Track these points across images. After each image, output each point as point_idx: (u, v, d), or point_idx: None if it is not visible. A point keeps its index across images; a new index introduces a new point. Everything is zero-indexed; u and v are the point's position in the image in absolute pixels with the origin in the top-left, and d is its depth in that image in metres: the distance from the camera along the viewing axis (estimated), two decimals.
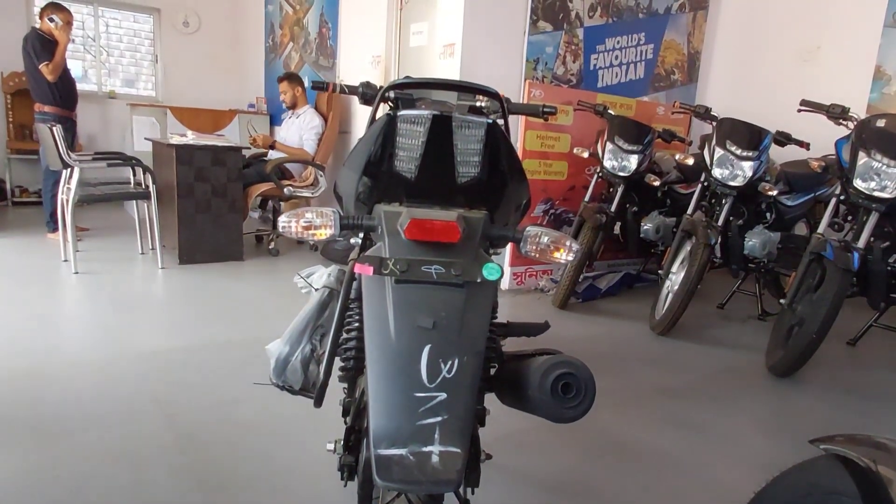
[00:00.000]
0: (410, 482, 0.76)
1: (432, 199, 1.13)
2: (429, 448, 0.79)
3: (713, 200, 3.31)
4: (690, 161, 3.30)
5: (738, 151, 3.01)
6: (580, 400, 0.99)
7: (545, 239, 1.05)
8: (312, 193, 4.47)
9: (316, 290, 1.12)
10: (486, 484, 1.23)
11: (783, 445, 2.07)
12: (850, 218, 2.83)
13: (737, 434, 2.13)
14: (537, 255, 1.06)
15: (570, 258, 1.06)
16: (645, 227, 3.60)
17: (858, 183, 2.49)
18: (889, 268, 2.71)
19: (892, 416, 2.38)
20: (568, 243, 1.05)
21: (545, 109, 1.80)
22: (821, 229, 2.70)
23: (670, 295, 3.13)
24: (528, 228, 1.07)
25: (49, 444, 1.76)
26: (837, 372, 2.81)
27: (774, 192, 3.06)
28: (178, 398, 2.10)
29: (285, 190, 4.38)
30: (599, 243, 3.44)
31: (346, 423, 1.28)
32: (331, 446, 1.19)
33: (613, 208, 3.48)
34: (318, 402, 1.04)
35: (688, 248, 3.19)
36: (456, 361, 0.87)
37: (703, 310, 3.64)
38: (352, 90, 1.56)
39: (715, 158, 3.07)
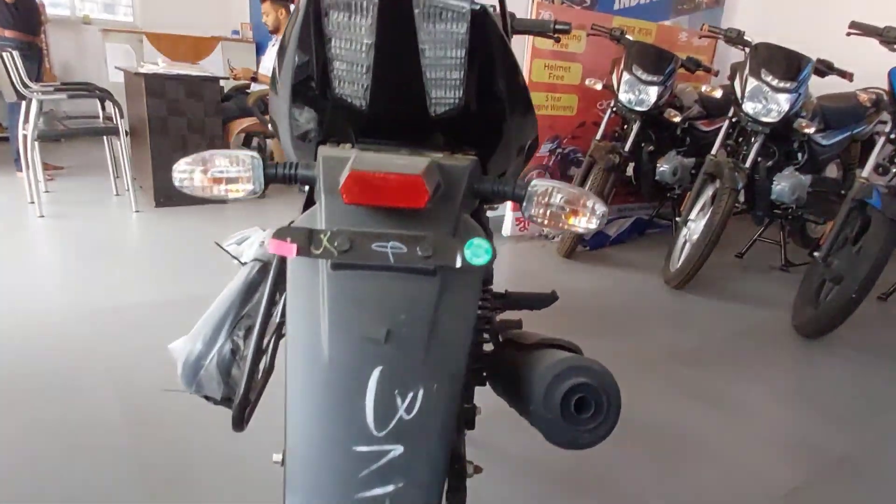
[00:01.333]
0: None
1: (398, 139, 0.78)
2: None
3: (741, 139, 2.97)
4: (718, 94, 2.93)
5: (775, 82, 2.64)
6: (600, 421, 0.72)
7: (559, 197, 0.73)
8: None
9: (243, 263, 0.83)
10: (480, 475, 0.99)
11: (813, 423, 1.84)
12: None
13: (761, 408, 1.89)
14: (546, 222, 0.75)
15: (591, 226, 0.74)
16: (661, 169, 3.27)
17: None
18: None
19: None
20: (590, 203, 0.73)
21: (557, 27, 1.46)
22: (865, 173, 2.37)
23: (688, 245, 2.85)
24: (534, 182, 0.75)
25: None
26: (870, 331, 2.55)
27: (811, 131, 2.71)
28: (133, 369, 1.86)
29: (270, 125, 4.02)
30: (611, 186, 3.11)
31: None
32: (278, 457, 0.93)
33: (627, 147, 3.13)
34: (239, 424, 0.76)
35: (710, 192, 2.88)
36: (420, 393, 0.58)
37: (721, 259, 3.35)
38: None
39: (747, 90, 2.70)
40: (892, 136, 2.31)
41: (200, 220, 3.49)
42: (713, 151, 2.87)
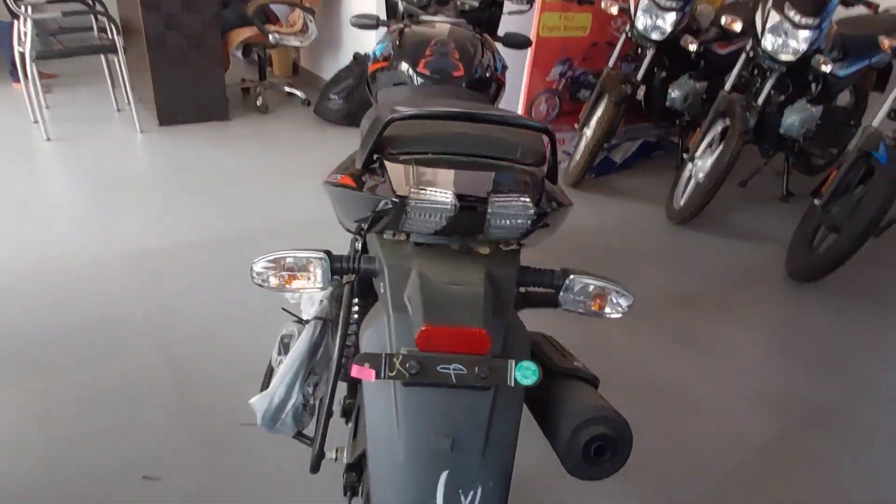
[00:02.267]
0: None
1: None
2: None
3: (755, 72, 2.91)
4: (738, 26, 2.83)
5: (798, 18, 2.56)
6: (613, 463, 0.86)
7: (590, 290, 0.83)
8: (301, 42, 3.97)
9: (304, 323, 0.93)
10: None
11: (796, 372, 2.02)
12: None
13: (747, 357, 2.07)
14: (581, 312, 0.86)
15: (617, 317, 0.86)
16: (672, 95, 3.22)
17: None
18: None
19: None
20: (616, 299, 0.84)
21: None
22: (876, 122, 2.38)
23: (692, 181, 2.90)
24: (571, 276, 0.85)
25: (40, 378, 1.69)
26: (861, 272, 2.67)
27: (829, 68, 2.66)
28: (171, 316, 2.00)
29: (270, 37, 3.87)
30: (620, 118, 3.10)
31: (347, 425, 1.17)
32: (332, 454, 1.09)
33: (640, 76, 3.08)
34: (316, 469, 0.90)
35: (719, 128, 2.88)
36: (479, 490, 0.70)
37: (723, 188, 3.39)
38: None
39: (768, 24, 2.62)
40: None
41: (206, 140, 3.49)
42: (726, 88, 2.83)
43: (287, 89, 4.32)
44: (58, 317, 1.95)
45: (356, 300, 0.95)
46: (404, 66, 1.38)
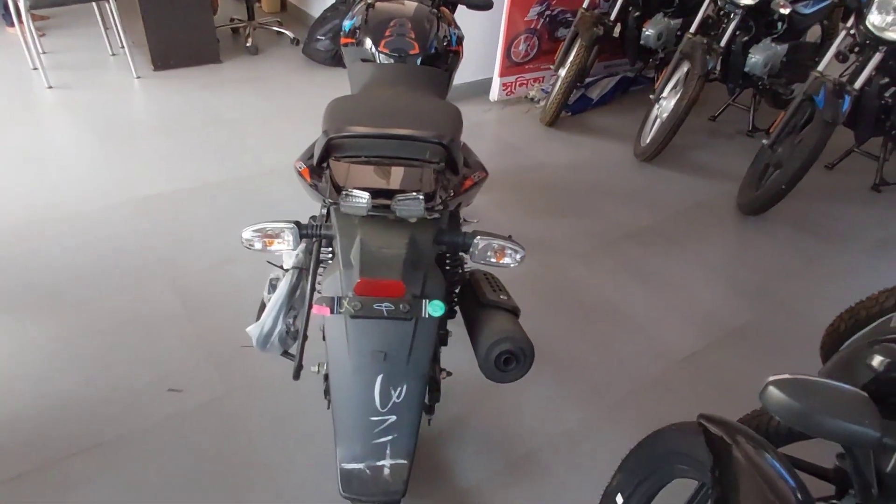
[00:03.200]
0: (365, 494, 0.97)
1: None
2: (381, 462, 0.99)
3: (720, 13, 3.04)
4: None
5: None
6: (518, 369, 1.15)
7: (494, 248, 1.12)
8: None
9: (286, 270, 1.21)
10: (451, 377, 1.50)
11: (726, 297, 2.31)
12: (856, 49, 2.63)
13: (687, 285, 2.35)
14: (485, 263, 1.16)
15: (513, 264, 1.16)
16: (647, 33, 3.35)
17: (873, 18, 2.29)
18: (882, 102, 2.64)
19: (841, 259, 2.58)
20: (511, 252, 1.12)
21: None
22: (822, 66, 2.55)
23: (657, 122, 3.09)
24: (477, 237, 1.13)
25: (66, 314, 1.99)
26: (808, 204, 2.92)
27: (787, 11, 2.79)
28: (178, 256, 2.27)
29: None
30: (593, 59, 3.24)
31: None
32: (314, 368, 1.39)
33: (613, 16, 3.20)
34: (297, 377, 1.21)
35: (684, 69, 3.04)
36: (405, 387, 1.01)
37: (694, 123, 3.60)
38: None
39: None
40: (853, 31, 2.45)
41: (200, 85, 3.65)
42: (692, 30, 2.97)
43: (276, 29, 4.41)
44: (73, 258, 2.22)
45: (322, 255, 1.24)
46: (368, 43, 1.58)
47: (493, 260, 1.14)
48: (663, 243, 2.57)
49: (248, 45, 4.16)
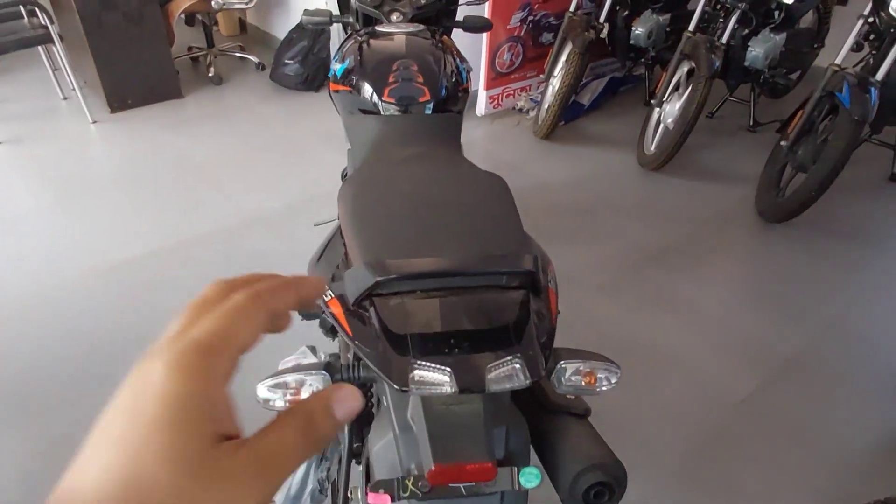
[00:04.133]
0: None
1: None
2: None
3: (718, 7, 2.86)
4: None
5: None
6: (611, 502, 0.93)
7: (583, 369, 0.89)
8: (246, 4, 3.75)
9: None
10: None
11: (767, 320, 2.12)
12: (871, 37, 2.47)
13: (720, 309, 2.16)
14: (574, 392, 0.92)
15: (606, 390, 0.91)
16: (636, 32, 3.16)
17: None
18: None
19: (878, 264, 2.41)
20: (603, 375, 0.89)
21: None
22: (839, 58, 2.38)
23: (662, 127, 2.90)
24: (562, 363, 0.88)
25: (30, 426, 1.72)
26: (831, 207, 2.72)
27: (790, 1, 2.63)
28: (159, 333, 2.00)
29: (213, 3, 3.65)
30: (585, 66, 3.04)
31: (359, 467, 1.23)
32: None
33: (602, 18, 3.01)
34: None
35: (685, 69, 2.85)
36: None
37: None
38: None
39: None
40: (871, 19, 2.28)
41: (162, 126, 3.36)
42: (690, 28, 2.78)
43: (239, 55, 4.12)
44: (32, 352, 1.94)
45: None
46: (367, 90, 1.33)
47: (582, 384, 0.91)
48: (689, 264, 2.38)
49: (210, 74, 3.87)
